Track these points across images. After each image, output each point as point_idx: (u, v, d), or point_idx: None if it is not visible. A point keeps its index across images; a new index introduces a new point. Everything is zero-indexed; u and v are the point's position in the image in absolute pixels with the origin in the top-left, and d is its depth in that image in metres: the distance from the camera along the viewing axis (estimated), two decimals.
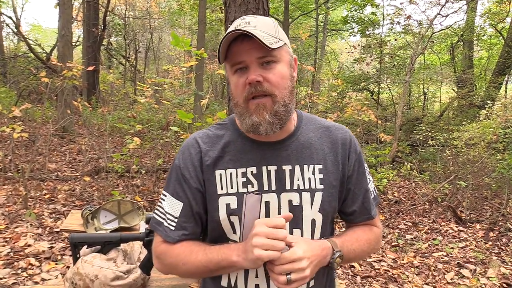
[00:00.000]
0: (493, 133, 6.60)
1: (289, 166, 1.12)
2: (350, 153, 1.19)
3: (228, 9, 2.99)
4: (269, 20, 1.09)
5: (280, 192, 1.11)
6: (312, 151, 1.15)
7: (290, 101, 1.08)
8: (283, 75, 1.06)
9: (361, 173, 1.21)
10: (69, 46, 9.41)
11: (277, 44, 1.03)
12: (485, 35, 13.84)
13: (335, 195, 1.16)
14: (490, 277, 3.99)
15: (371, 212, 1.23)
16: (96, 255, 1.78)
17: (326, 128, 1.21)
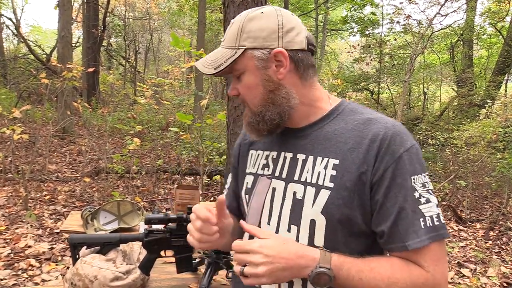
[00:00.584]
0: (493, 132, 6.60)
1: (303, 156, 1.05)
2: (380, 153, 0.94)
3: (227, 10, 3.00)
4: (236, 26, 1.02)
5: (288, 181, 1.05)
6: (333, 143, 1.01)
7: (267, 108, 1.03)
8: (249, 85, 1.03)
9: (398, 184, 0.92)
10: (69, 47, 9.42)
11: (229, 60, 1.00)
12: (484, 34, 13.86)
13: (349, 200, 0.95)
14: (490, 276, 3.99)
15: (407, 240, 0.91)
16: (95, 256, 1.78)
17: (365, 121, 1.00)
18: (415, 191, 0.93)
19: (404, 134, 0.96)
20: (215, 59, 1.02)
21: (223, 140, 6.93)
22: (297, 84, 1.03)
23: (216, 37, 17.88)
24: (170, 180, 6.43)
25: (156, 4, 19.42)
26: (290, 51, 1.00)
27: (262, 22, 0.99)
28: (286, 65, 1.00)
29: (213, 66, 1.02)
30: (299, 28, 1.02)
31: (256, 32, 0.99)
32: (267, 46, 0.99)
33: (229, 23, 3.13)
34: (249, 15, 1.01)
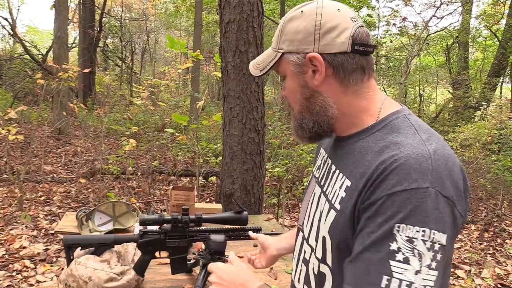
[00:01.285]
0: (488, 134, 6.63)
1: (334, 167, 0.99)
2: (375, 181, 0.79)
3: (223, 11, 3.00)
4: (278, 29, 0.98)
5: (322, 190, 1.01)
6: (353, 161, 0.90)
7: (303, 115, 0.97)
8: (290, 90, 0.99)
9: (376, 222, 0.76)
10: (65, 47, 9.40)
11: (271, 63, 0.98)
12: (480, 36, 13.93)
13: (349, 224, 0.85)
14: (484, 278, 4.01)
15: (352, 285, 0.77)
16: (89, 257, 1.78)
17: (390, 144, 0.83)
18: (394, 241, 0.73)
19: (416, 171, 0.75)
20: (262, 60, 1.01)
21: (219, 142, 6.94)
22: (337, 91, 0.93)
23: (212, 38, 17.89)
24: (165, 181, 6.43)
25: (153, 5, 19.41)
26: (328, 54, 0.90)
27: (299, 22, 0.92)
28: (322, 71, 0.91)
29: (260, 68, 1.01)
30: (343, 26, 0.89)
31: (293, 34, 0.93)
32: (302, 50, 0.92)
33: (225, 24, 3.14)
34: (290, 15, 0.96)
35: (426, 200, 0.73)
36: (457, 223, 0.76)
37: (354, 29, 0.89)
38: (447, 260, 0.77)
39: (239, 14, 2.92)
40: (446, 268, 0.78)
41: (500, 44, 11.30)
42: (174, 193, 2.64)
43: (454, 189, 0.76)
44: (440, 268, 0.73)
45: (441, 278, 0.73)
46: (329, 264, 0.92)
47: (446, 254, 0.74)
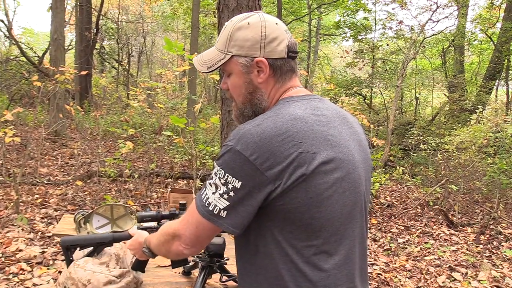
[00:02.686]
0: (484, 137, 6.65)
1: None
2: None
3: (221, 14, 3.01)
4: (227, 32, 1.17)
5: None
6: None
7: (245, 106, 1.20)
8: (234, 85, 1.19)
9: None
10: (62, 49, 9.38)
11: (219, 63, 1.17)
12: (475, 40, 14.01)
13: None
14: (481, 280, 4.02)
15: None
16: (88, 260, 1.77)
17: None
18: (211, 179, 1.07)
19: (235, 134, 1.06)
20: (209, 59, 1.20)
21: (216, 144, 6.94)
22: (272, 87, 1.17)
23: (209, 41, 17.90)
24: (163, 184, 6.42)
25: (150, 7, 19.41)
26: (271, 59, 1.14)
27: (247, 32, 1.13)
28: (266, 72, 1.14)
29: (207, 65, 1.20)
30: (281, 37, 1.14)
31: (242, 41, 1.14)
32: (251, 55, 1.14)
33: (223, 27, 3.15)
34: (237, 25, 1.15)
35: (228, 152, 1.03)
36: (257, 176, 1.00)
37: (288, 40, 1.16)
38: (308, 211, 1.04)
39: None
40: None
41: (495, 47, 11.36)
42: (173, 196, 2.64)
43: (257, 151, 0.99)
44: (232, 203, 1.02)
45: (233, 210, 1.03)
46: None
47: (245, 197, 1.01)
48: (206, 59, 1.21)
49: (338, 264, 1.08)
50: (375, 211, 6.15)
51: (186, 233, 1.10)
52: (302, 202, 1.01)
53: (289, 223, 1.03)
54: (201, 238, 1.10)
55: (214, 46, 1.21)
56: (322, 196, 1.02)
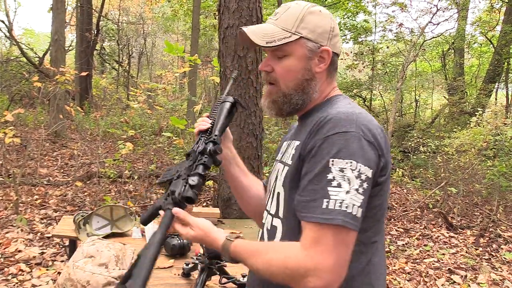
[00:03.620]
0: (484, 140, 6.66)
1: (290, 141, 1.18)
2: (313, 132, 1.02)
3: (222, 16, 3.02)
4: (297, 12, 1.12)
5: (278, 162, 1.22)
6: (306, 129, 1.08)
7: (293, 93, 1.13)
8: (290, 69, 1.12)
9: (315, 161, 0.97)
10: (62, 50, 9.39)
11: (283, 40, 1.09)
12: (475, 43, 14.01)
13: (295, 174, 1.06)
14: (480, 283, 4.02)
15: (306, 212, 0.94)
16: (88, 261, 1.78)
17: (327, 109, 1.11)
18: (330, 172, 0.93)
19: (345, 121, 0.97)
20: (267, 34, 1.11)
21: None
22: (324, 80, 1.16)
23: (210, 43, 17.90)
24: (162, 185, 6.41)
25: (150, 8, 19.42)
26: (332, 52, 1.13)
27: (320, 19, 1.13)
28: (326, 63, 1.13)
29: (266, 40, 1.10)
30: (339, 36, 1.18)
31: (314, 26, 1.11)
32: (319, 42, 1.12)
33: (224, 29, 3.16)
34: (310, 9, 1.13)
35: (352, 139, 0.94)
36: (381, 166, 0.99)
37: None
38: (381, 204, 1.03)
39: (238, 19, 2.94)
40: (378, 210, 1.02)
41: (495, 50, 11.38)
42: None
43: (375, 140, 0.97)
44: (366, 196, 0.94)
45: (365, 204, 0.94)
46: (280, 216, 1.11)
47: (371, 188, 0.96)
48: (266, 33, 1.11)
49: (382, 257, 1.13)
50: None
51: (330, 263, 0.89)
52: (384, 197, 1.04)
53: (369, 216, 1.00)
54: (348, 258, 0.93)
55: (270, 23, 1.14)
56: (388, 192, 1.07)
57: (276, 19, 1.13)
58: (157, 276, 1.95)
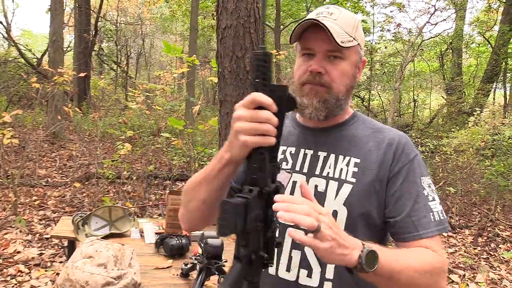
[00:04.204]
0: (482, 139, 6.68)
1: (325, 153, 1.14)
2: (396, 154, 1.09)
3: (220, 17, 3.02)
4: (351, 17, 1.11)
5: (309, 176, 1.12)
6: (353, 144, 1.13)
7: (344, 98, 1.11)
8: (344, 73, 1.09)
9: (411, 182, 1.07)
10: (60, 51, 9.38)
11: (349, 43, 1.06)
12: (473, 43, 14.05)
13: (368, 194, 1.06)
14: (478, 282, 4.03)
15: (420, 230, 1.03)
16: (86, 261, 1.78)
17: (378, 128, 1.17)
18: (424, 189, 1.07)
19: (411, 143, 1.14)
20: (339, 33, 1.04)
21: (214, 146, 6.94)
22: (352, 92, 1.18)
23: (208, 43, 17.92)
24: (161, 186, 6.41)
25: (149, 9, 19.42)
26: None
27: (362, 31, 1.15)
28: (360, 73, 1.17)
29: (340, 39, 1.03)
30: None
31: (362, 36, 1.15)
32: (362, 51, 1.15)
33: (222, 29, 3.15)
34: (358, 18, 1.15)
35: (421, 159, 1.12)
36: None
37: None
38: None
39: (236, 20, 2.94)
40: None
41: (493, 50, 11.40)
42: (171, 198, 2.64)
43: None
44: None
45: None
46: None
47: None
48: (337, 31, 1.04)
49: None
50: None
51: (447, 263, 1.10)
52: None
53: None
54: None
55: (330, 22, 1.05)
56: None
57: (335, 20, 1.07)
58: (155, 276, 1.96)
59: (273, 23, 14.19)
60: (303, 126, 1.20)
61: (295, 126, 1.22)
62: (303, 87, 1.09)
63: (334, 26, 1.04)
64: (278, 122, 0.82)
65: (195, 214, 1.08)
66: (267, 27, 14.57)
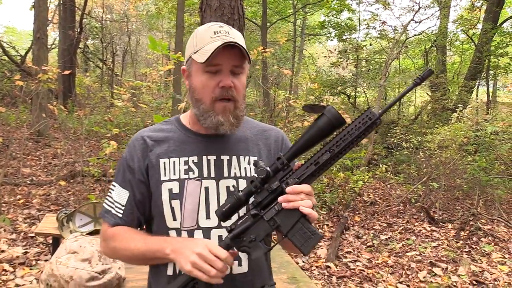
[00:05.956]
0: (464, 135, 6.79)
1: (227, 156, 1.25)
2: (282, 147, 1.32)
3: (204, 14, 3.04)
4: (240, 34, 1.21)
5: (219, 179, 1.23)
6: (248, 144, 1.28)
7: (245, 107, 1.24)
8: (244, 85, 1.21)
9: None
10: (45, 49, 9.27)
11: (247, 59, 1.18)
12: (457, 40, 14.24)
13: None
14: (460, 275, 4.12)
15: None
16: (70, 257, 1.79)
17: (261, 128, 1.35)
18: None
19: (286, 137, 1.38)
20: (243, 46, 1.15)
21: None
22: None
23: None
24: None
25: (134, 6, 19.27)
26: None
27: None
28: None
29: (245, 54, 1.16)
30: None
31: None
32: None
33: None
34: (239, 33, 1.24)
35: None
36: None
37: None
38: None
39: (220, 17, 2.96)
40: None
41: (476, 48, 11.56)
42: None
43: None
44: None
45: None
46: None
47: None
48: (244, 46, 1.17)
49: None
50: (359, 208, 6.23)
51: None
52: None
53: None
54: None
55: (232, 39, 1.15)
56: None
57: (234, 38, 1.16)
58: (140, 271, 1.97)
59: (259, 21, 14.20)
60: (199, 134, 1.27)
61: (189, 134, 1.28)
62: (215, 105, 1.18)
63: (241, 44, 1.15)
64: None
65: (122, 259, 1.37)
66: (253, 24, 14.60)
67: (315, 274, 4.03)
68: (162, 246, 1.12)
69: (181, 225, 1.20)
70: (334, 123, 1.01)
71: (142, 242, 1.17)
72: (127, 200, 1.24)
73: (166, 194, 1.20)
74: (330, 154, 1.00)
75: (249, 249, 1.09)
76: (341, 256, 4.49)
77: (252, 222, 1.08)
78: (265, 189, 1.07)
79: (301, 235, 1.04)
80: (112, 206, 1.25)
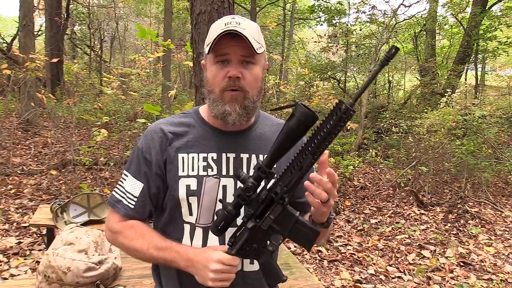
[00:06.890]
0: (453, 120, 6.87)
1: (246, 155, 1.24)
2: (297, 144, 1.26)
3: (194, 2, 3.02)
4: (255, 26, 1.19)
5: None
6: (267, 143, 1.21)
7: (258, 100, 1.20)
8: (256, 77, 1.18)
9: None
10: (31, 36, 9.12)
11: (260, 49, 1.15)
12: (446, 24, 14.26)
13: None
14: (448, 257, 4.22)
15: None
16: (67, 248, 1.81)
17: (280, 124, 1.27)
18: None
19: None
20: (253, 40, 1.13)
21: None
22: None
23: (183, 26, 17.66)
24: None
25: None
26: None
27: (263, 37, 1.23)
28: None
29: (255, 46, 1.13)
30: None
31: (263, 41, 1.22)
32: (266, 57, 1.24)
33: (196, 14, 3.14)
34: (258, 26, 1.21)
35: None
36: None
37: None
38: None
39: (210, 5, 2.95)
40: None
41: (465, 32, 11.61)
42: None
43: None
44: None
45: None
46: None
47: None
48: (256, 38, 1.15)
49: None
50: (349, 193, 6.31)
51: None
52: None
53: None
54: None
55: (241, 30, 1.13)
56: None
57: (244, 29, 1.14)
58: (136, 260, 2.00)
59: (249, 5, 14.08)
60: (219, 130, 1.25)
61: (208, 129, 1.26)
62: (224, 94, 1.17)
63: (248, 35, 1.12)
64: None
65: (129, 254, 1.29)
66: (243, 9, 14.47)
67: (306, 258, 4.10)
68: (176, 258, 1.14)
69: (196, 221, 1.21)
70: (305, 121, 1.00)
71: (154, 248, 1.17)
72: (140, 192, 1.22)
73: (184, 190, 1.20)
74: (311, 156, 1.00)
75: (255, 256, 1.12)
76: (332, 240, 4.57)
77: (250, 234, 1.09)
78: (255, 200, 1.07)
79: (301, 235, 1.08)
80: (124, 196, 1.23)
